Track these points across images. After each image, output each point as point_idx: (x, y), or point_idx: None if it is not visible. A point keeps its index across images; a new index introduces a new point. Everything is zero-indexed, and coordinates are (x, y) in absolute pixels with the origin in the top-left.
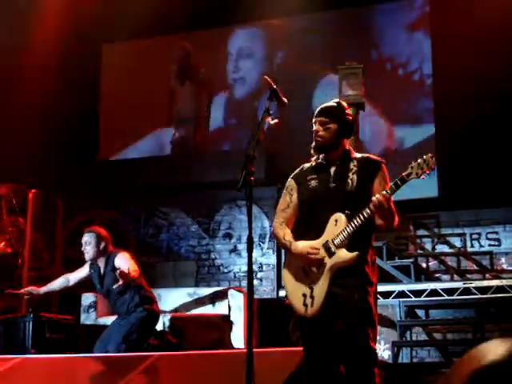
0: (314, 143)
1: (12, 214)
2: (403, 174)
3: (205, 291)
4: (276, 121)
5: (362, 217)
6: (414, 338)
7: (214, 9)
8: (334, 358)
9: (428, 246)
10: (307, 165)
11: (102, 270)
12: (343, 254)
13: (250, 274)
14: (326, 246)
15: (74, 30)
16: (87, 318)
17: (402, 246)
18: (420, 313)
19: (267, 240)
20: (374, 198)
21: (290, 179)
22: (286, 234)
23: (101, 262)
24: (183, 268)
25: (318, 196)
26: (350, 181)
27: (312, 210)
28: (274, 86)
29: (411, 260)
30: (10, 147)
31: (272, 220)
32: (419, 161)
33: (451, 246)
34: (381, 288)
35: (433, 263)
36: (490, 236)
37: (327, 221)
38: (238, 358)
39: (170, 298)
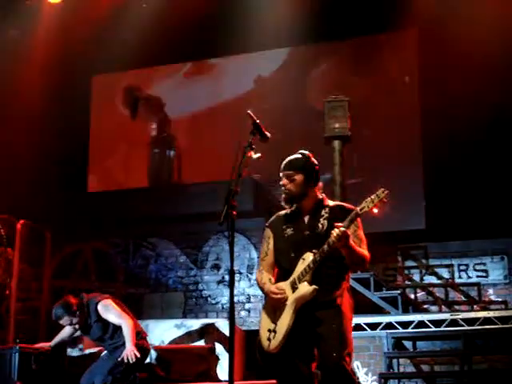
0: (283, 196)
1: (0, 245)
2: (357, 208)
3: (192, 322)
4: (259, 155)
5: (323, 249)
6: (401, 370)
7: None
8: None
9: (416, 277)
10: (282, 212)
11: (88, 322)
12: (302, 288)
13: (232, 307)
14: (291, 284)
15: (63, 63)
16: (73, 351)
17: (389, 277)
18: (407, 344)
19: (255, 271)
20: (332, 231)
21: (266, 228)
22: (263, 277)
23: (85, 313)
24: (171, 299)
25: (293, 243)
26: (320, 225)
27: (288, 256)
28: (257, 121)
29: (399, 291)
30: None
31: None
32: (372, 196)
33: (439, 276)
34: (368, 319)
35: (421, 294)
36: (477, 267)
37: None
38: None
39: (158, 329)
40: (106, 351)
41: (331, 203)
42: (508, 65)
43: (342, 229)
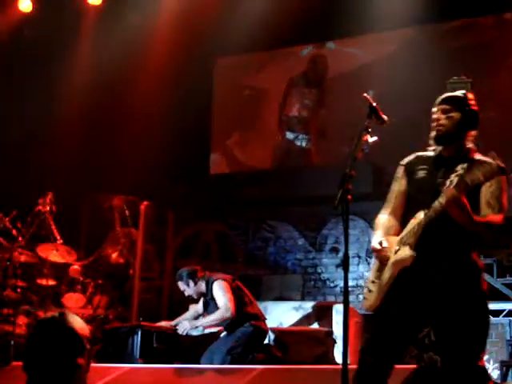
0: (433, 132)
1: (124, 226)
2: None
3: (310, 305)
4: (375, 139)
5: (435, 208)
6: None
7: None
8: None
9: None
10: (421, 153)
11: (206, 298)
12: (402, 252)
13: (346, 291)
14: (400, 242)
15: (187, 45)
16: (194, 330)
17: None
18: None
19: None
20: (446, 189)
21: (400, 166)
22: (378, 225)
23: (203, 288)
24: (289, 281)
25: (423, 189)
26: (448, 182)
27: (414, 203)
28: (374, 104)
29: None
30: (124, 161)
31: None
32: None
33: None
34: (490, 306)
35: None
36: None
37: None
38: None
39: (276, 311)
40: (225, 331)
41: (479, 157)
42: None
43: (451, 191)
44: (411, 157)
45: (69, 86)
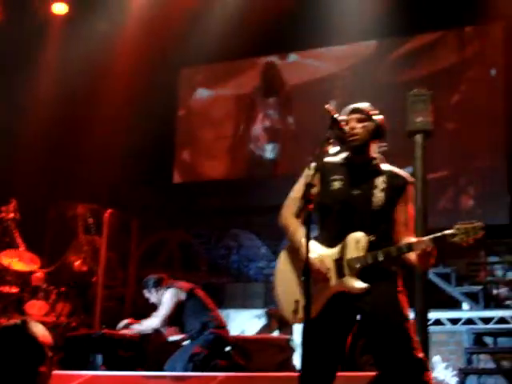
0: (350, 143)
1: (88, 233)
2: (446, 232)
3: (273, 313)
4: (337, 149)
5: (390, 252)
6: (481, 366)
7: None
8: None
9: (499, 273)
10: (331, 160)
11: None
12: (351, 283)
13: (308, 299)
14: (338, 263)
15: (151, 55)
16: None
17: (472, 272)
18: (488, 340)
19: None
20: (415, 243)
21: (314, 165)
22: (298, 230)
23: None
24: (252, 289)
25: (341, 201)
26: (378, 198)
27: (330, 213)
28: (335, 115)
29: (481, 286)
30: (88, 169)
31: None
32: (468, 226)
33: None
34: (449, 314)
35: (503, 290)
36: None
37: (345, 232)
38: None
39: (239, 319)
40: (188, 339)
41: (384, 167)
42: None
43: (430, 248)
44: (322, 161)
45: (33, 95)
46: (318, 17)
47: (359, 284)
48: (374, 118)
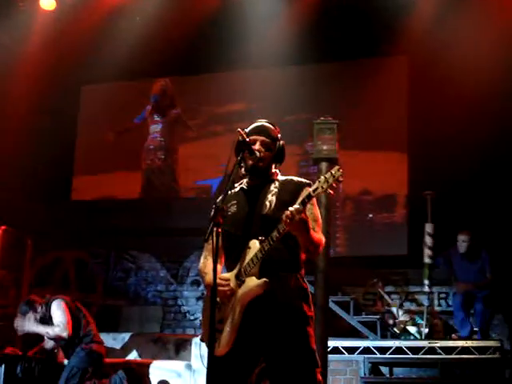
0: (253, 164)
1: None
2: (309, 189)
3: (169, 338)
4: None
5: (272, 237)
6: None
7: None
8: None
9: (396, 303)
10: (230, 192)
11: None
12: (250, 282)
13: (213, 324)
14: (237, 275)
15: (53, 71)
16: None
17: (369, 302)
18: (384, 370)
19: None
20: (285, 212)
21: (215, 205)
22: (206, 265)
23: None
24: (149, 313)
25: (236, 222)
26: (267, 203)
27: (230, 238)
28: (247, 139)
29: (378, 316)
30: None
31: None
32: (327, 175)
33: (418, 303)
34: (346, 343)
35: (399, 320)
36: None
37: (244, 251)
38: None
39: (134, 343)
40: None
41: (281, 178)
42: (502, 93)
43: (294, 207)
44: (221, 197)
45: None
46: (227, 40)
47: (257, 281)
48: (279, 142)
